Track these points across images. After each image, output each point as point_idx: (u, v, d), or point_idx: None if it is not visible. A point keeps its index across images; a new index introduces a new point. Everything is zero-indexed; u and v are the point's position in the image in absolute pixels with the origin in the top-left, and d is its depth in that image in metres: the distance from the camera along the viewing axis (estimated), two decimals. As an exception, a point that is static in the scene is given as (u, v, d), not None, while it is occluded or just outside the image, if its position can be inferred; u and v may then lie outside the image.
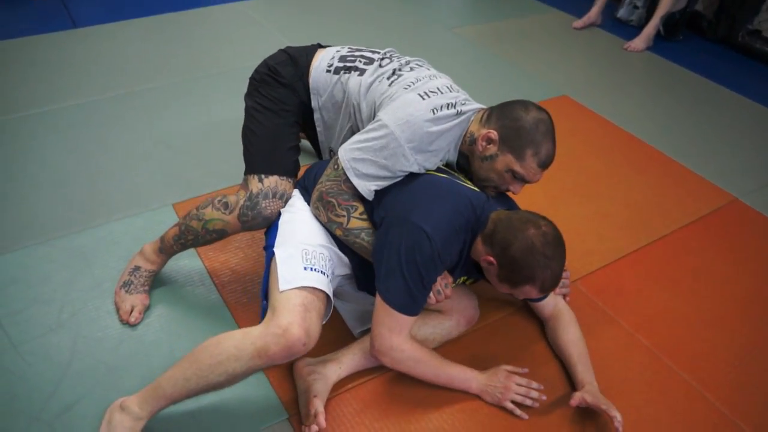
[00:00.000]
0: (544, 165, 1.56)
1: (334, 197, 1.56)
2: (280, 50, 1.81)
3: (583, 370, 1.62)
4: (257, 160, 1.69)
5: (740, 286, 2.07)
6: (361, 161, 1.53)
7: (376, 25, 3.69)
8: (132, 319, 1.72)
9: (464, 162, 1.63)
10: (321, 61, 1.75)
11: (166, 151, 2.45)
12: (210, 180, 2.29)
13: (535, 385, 1.61)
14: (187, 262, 1.93)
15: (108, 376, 1.59)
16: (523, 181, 1.58)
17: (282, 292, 1.42)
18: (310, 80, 1.74)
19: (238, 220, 1.66)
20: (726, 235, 2.29)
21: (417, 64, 1.70)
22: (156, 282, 1.84)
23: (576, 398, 1.51)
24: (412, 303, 1.48)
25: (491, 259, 1.48)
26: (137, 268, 1.79)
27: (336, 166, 1.56)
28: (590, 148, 2.72)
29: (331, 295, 1.50)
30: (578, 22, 3.94)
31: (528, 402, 1.58)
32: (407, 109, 1.52)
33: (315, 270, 1.48)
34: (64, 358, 1.63)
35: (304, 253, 1.50)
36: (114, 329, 1.71)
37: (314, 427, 1.39)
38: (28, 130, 2.50)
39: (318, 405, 1.44)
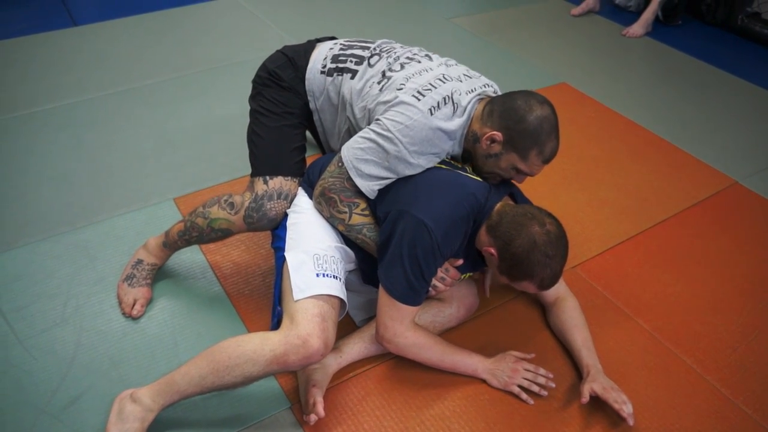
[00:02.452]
0: (548, 161, 1.57)
1: (337, 194, 1.56)
2: (278, 51, 1.79)
3: (588, 354, 1.63)
4: (262, 163, 1.69)
5: (740, 269, 2.07)
6: (364, 162, 1.53)
7: (372, 15, 3.69)
8: (135, 312, 1.74)
9: (467, 155, 1.63)
10: (315, 61, 1.74)
11: (166, 146, 2.46)
12: (210, 174, 2.31)
13: (542, 371, 1.62)
14: (189, 256, 1.94)
15: (112, 368, 1.61)
16: (526, 175, 1.59)
17: (297, 300, 1.43)
18: (306, 82, 1.73)
19: (243, 221, 1.66)
20: (726, 219, 2.29)
21: (407, 59, 1.67)
22: (158, 275, 1.85)
23: (585, 393, 1.51)
24: (414, 294, 1.49)
25: (493, 251, 1.49)
26: (140, 262, 1.80)
27: (339, 164, 1.56)
28: (589, 135, 2.72)
29: (345, 299, 1.51)
30: (576, 10, 3.93)
31: (534, 388, 1.59)
32: (406, 113, 1.51)
33: (327, 275, 1.49)
34: (68, 351, 1.65)
35: (315, 258, 1.51)
36: (117, 322, 1.73)
37: (313, 417, 1.40)
38: (30, 129, 2.51)
39: (316, 394, 1.45)
